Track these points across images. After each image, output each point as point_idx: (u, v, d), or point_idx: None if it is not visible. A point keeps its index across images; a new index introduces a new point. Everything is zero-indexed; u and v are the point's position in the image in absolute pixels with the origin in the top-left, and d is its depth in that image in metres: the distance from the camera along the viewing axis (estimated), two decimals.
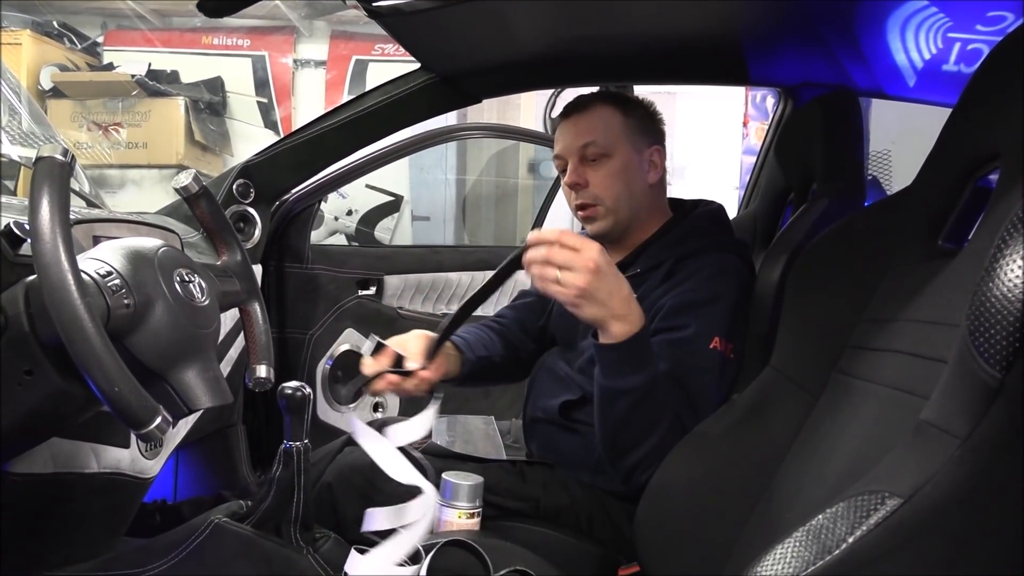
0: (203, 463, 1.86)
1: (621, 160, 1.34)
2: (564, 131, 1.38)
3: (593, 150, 1.33)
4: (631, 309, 1.09)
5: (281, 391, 1.12)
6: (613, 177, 1.34)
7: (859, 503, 0.59)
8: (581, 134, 1.34)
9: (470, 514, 1.11)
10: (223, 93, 3.83)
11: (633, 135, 1.35)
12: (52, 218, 0.68)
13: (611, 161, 1.34)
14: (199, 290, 0.88)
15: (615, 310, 1.07)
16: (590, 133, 1.34)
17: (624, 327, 1.08)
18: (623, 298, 1.08)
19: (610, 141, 1.33)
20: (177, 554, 1.12)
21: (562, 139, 1.38)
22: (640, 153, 1.36)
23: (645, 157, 1.37)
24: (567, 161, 1.37)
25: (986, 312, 0.56)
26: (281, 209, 1.93)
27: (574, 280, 1.04)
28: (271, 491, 1.14)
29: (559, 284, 1.04)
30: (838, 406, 0.96)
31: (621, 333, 1.08)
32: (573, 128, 1.36)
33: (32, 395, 0.76)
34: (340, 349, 2.08)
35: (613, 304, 1.07)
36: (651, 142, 1.39)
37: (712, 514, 1.06)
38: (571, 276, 1.04)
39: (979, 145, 0.86)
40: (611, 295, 1.06)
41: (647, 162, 1.37)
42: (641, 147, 1.37)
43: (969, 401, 0.58)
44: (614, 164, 1.34)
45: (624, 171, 1.34)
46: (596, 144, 1.33)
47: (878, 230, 1.01)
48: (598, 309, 1.06)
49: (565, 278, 1.04)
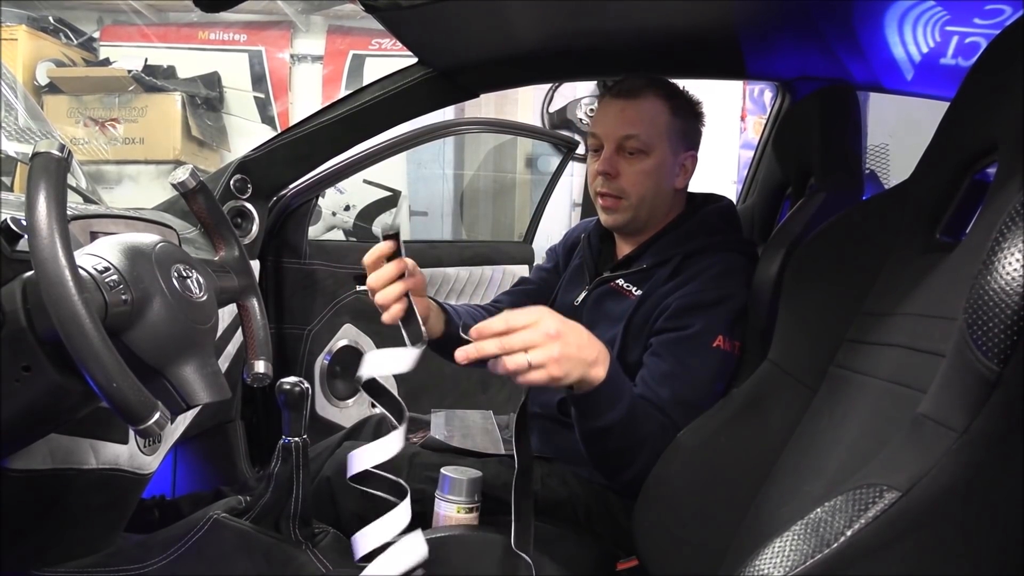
0: (202, 459, 1.86)
1: (657, 160, 1.31)
2: (608, 112, 1.33)
3: (633, 144, 1.30)
4: (597, 347, 1.04)
5: (279, 386, 1.12)
6: (645, 175, 1.31)
7: (857, 496, 0.59)
8: (625, 123, 1.30)
9: (468, 508, 1.11)
10: (220, 88, 3.82)
11: (675, 137, 1.33)
12: (49, 214, 0.68)
13: (647, 159, 1.31)
14: (197, 285, 0.88)
15: (588, 358, 1.02)
16: (635, 125, 1.30)
17: (600, 370, 1.04)
18: (588, 342, 1.03)
19: (652, 139, 1.30)
20: (176, 549, 1.12)
21: (603, 120, 1.33)
22: (676, 156, 1.34)
23: (679, 161, 1.35)
24: (602, 143, 1.33)
25: (984, 305, 0.56)
26: (279, 204, 1.92)
27: (546, 354, 0.96)
28: (270, 486, 1.14)
29: (532, 367, 0.96)
30: (836, 400, 0.96)
31: (598, 377, 1.04)
32: (620, 114, 1.31)
33: (30, 391, 0.76)
34: (338, 344, 2.08)
35: (585, 354, 1.01)
36: (688, 147, 1.36)
37: (710, 508, 1.06)
38: (540, 353, 0.96)
39: (977, 138, 0.86)
40: (580, 348, 1.01)
41: (679, 166, 1.35)
42: (679, 150, 1.34)
43: (967, 394, 0.58)
44: (649, 163, 1.31)
45: (656, 172, 1.32)
46: (638, 139, 1.30)
47: (876, 224, 1.01)
48: (578, 367, 1.00)
49: (535, 357, 0.96)
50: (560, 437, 1.34)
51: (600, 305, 1.36)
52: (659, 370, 1.21)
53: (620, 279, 1.36)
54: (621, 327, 1.29)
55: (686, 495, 1.09)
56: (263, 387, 1.93)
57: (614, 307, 1.34)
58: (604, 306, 1.36)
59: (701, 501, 1.07)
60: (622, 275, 1.36)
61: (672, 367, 1.21)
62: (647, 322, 1.27)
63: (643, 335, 1.27)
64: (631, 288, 1.33)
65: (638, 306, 1.29)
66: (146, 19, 4.02)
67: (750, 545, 0.67)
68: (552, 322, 0.98)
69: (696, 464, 1.09)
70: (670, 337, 1.23)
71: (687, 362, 1.21)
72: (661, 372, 1.21)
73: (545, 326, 0.97)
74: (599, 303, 1.37)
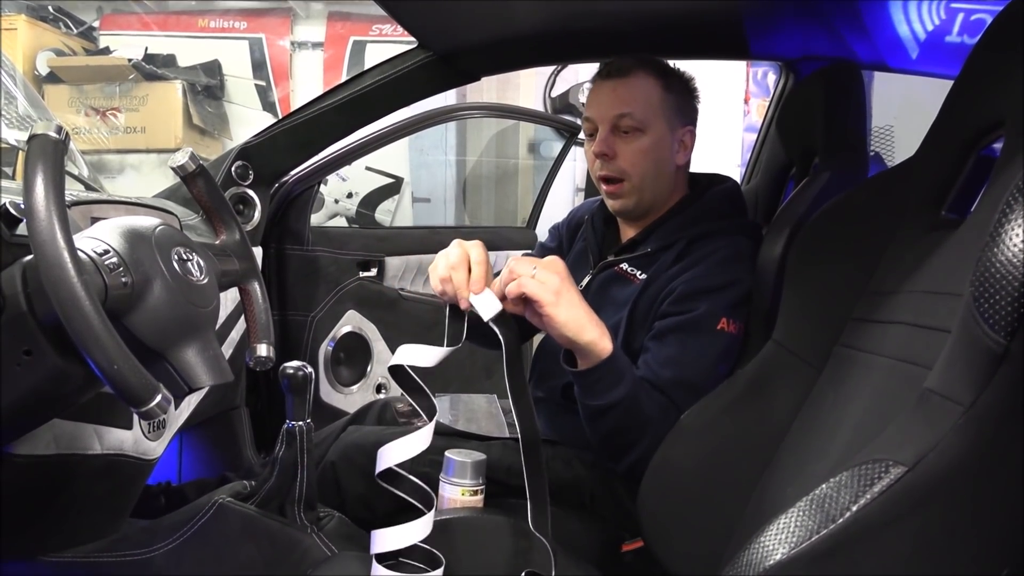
0: (207, 445, 1.87)
1: (654, 137, 1.30)
2: (600, 94, 1.33)
3: (628, 122, 1.29)
4: (599, 321, 1.08)
5: (282, 371, 1.12)
6: (643, 154, 1.30)
7: (863, 472, 0.59)
8: (618, 103, 1.29)
9: (473, 491, 1.11)
10: (220, 76, 3.81)
11: (670, 112, 1.32)
12: (47, 196, 0.68)
13: (644, 137, 1.30)
14: (197, 268, 0.87)
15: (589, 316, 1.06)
16: (627, 104, 1.29)
17: (607, 342, 1.07)
18: (589, 310, 1.07)
19: (647, 116, 1.29)
20: (181, 534, 1.12)
21: (596, 102, 1.33)
22: (673, 132, 1.33)
23: (677, 137, 1.34)
24: (597, 126, 1.33)
25: (991, 278, 0.55)
26: (281, 191, 1.92)
27: (551, 275, 1.01)
28: (274, 471, 1.14)
29: (535, 279, 1.01)
30: (841, 379, 0.96)
31: (605, 349, 1.07)
32: (611, 93, 1.31)
33: (32, 375, 0.75)
34: (342, 331, 2.08)
35: (585, 309, 1.06)
36: (685, 122, 1.35)
37: (715, 489, 1.06)
38: (546, 273, 1.02)
39: (983, 114, 0.85)
40: (582, 300, 1.05)
41: (678, 142, 1.34)
42: (675, 126, 1.33)
43: (973, 368, 0.57)
44: (646, 141, 1.30)
45: (654, 149, 1.31)
46: (632, 117, 1.29)
47: (880, 202, 1.00)
48: (573, 311, 1.04)
49: (541, 274, 1.01)
50: (565, 421, 1.34)
51: (605, 290, 1.36)
52: (662, 353, 1.21)
53: (624, 263, 1.35)
54: (626, 312, 1.28)
55: (690, 477, 1.09)
56: (267, 374, 1.94)
57: (619, 292, 1.33)
58: (609, 291, 1.35)
59: (706, 483, 1.07)
60: (626, 259, 1.35)
61: (675, 350, 1.20)
62: (652, 306, 1.27)
63: (648, 319, 1.27)
64: (635, 272, 1.33)
65: (643, 290, 1.29)
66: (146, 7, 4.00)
67: (755, 525, 0.67)
68: (559, 261, 1.05)
69: (700, 446, 1.09)
70: (674, 321, 1.22)
71: (691, 345, 1.20)
72: (665, 355, 1.21)
73: (552, 258, 1.05)
74: (604, 288, 1.36)
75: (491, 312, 1.00)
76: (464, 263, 1.03)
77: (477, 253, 1.03)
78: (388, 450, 0.98)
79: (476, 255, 1.03)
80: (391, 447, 0.97)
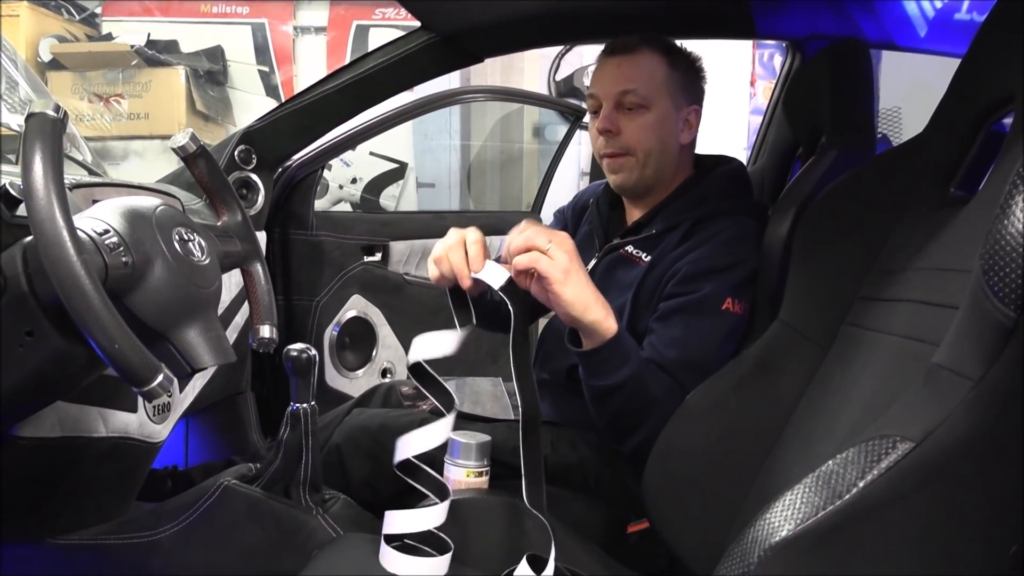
0: (213, 430, 1.87)
1: (658, 114, 1.29)
2: (604, 71, 1.32)
3: (632, 99, 1.28)
4: (604, 302, 1.08)
5: (286, 353, 1.12)
6: (647, 131, 1.29)
7: (870, 448, 0.58)
8: (622, 79, 1.29)
9: (478, 473, 1.11)
10: (223, 62, 3.79)
11: (675, 90, 1.31)
12: (45, 174, 0.67)
13: (648, 114, 1.29)
14: (199, 249, 0.87)
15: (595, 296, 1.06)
16: (632, 80, 1.28)
17: (612, 322, 1.07)
18: (595, 290, 1.07)
19: (651, 93, 1.28)
20: (187, 517, 1.13)
21: (600, 79, 1.32)
22: (678, 110, 1.32)
23: (682, 116, 1.33)
24: (601, 103, 1.32)
25: (1001, 251, 0.54)
26: (284, 176, 1.91)
27: (562, 252, 1.01)
28: (279, 453, 1.14)
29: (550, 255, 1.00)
30: (848, 358, 0.95)
31: (611, 329, 1.07)
32: (615, 70, 1.30)
33: (34, 356, 0.75)
34: (347, 316, 2.08)
35: (591, 289, 1.05)
36: (691, 101, 1.34)
37: (720, 470, 1.05)
38: (557, 251, 1.01)
39: (993, 89, 0.84)
40: (589, 280, 1.05)
41: (683, 121, 1.33)
42: (681, 104, 1.32)
43: (983, 343, 0.56)
44: (650, 117, 1.29)
45: (659, 126, 1.30)
46: (636, 93, 1.28)
47: (888, 180, 0.99)
48: (580, 290, 1.03)
49: (553, 251, 1.01)
50: (570, 403, 1.33)
51: (611, 273, 1.35)
52: (667, 334, 1.20)
53: (630, 246, 1.34)
54: (631, 294, 1.27)
55: (696, 458, 1.08)
56: (272, 359, 1.94)
57: (624, 275, 1.32)
58: (615, 274, 1.34)
59: (711, 464, 1.07)
60: (632, 241, 1.34)
61: (680, 330, 1.20)
62: (657, 288, 1.26)
63: (653, 301, 1.26)
64: (641, 254, 1.32)
65: (648, 272, 1.28)
66: None
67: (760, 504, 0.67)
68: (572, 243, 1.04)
69: (706, 427, 1.08)
70: (679, 302, 1.21)
71: (696, 325, 1.20)
72: (670, 335, 1.20)
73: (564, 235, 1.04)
74: (609, 271, 1.35)
75: (500, 281, 1.00)
76: (460, 244, 1.02)
77: (473, 234, 1.03)
78: (408, 440, 0.97)
79: (472, 236, 1.03)
80: (411, 437, 0.96)
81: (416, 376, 1.01)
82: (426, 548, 0.96)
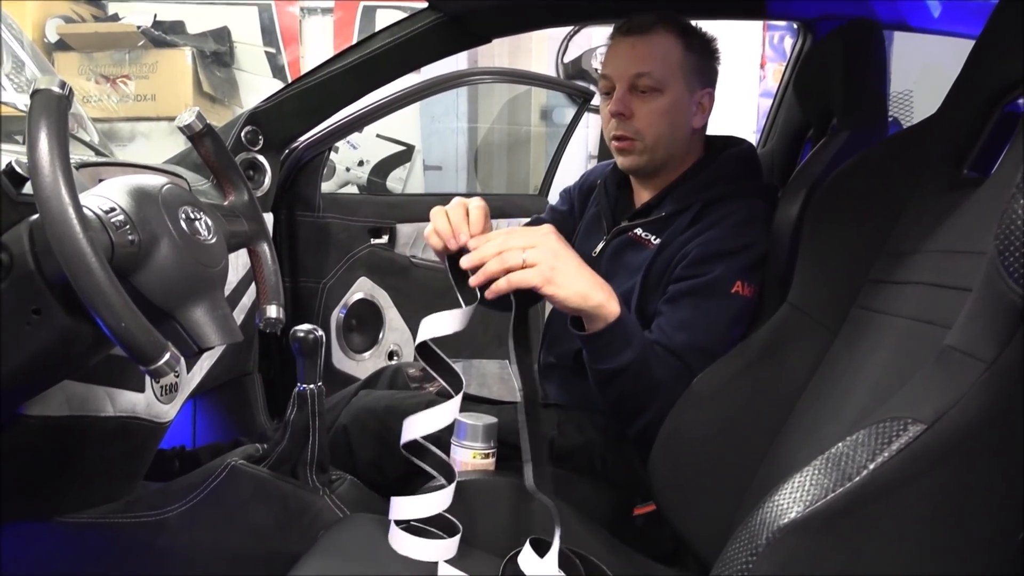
0: (221, 411, 1.88)
1: (671, 98, 1.27)
2: (618, 51, 1.29)
3: (646, 82, 1.26)
4: (603, 284, 1.05)
5: (293, 334, 1.12)
6: (659, 115, 1.27)
7: (880, 429, 0.58)
8: (637, 61, 1.26)
9: (484, 454, 1.11)
10: (230, 43, 3.77)
11: (689, 73, 1.29)
12: (51, 151, 0.67)
13: (661, 97, 1.27)
14: (205, 228, 0.86)
15: (592, 281, 1.03)
16: (646, 63, 1.26)
17: (614, 305, 1.05)
18: (591, 274, 1.04)
19: (665, 76, 1.26)
20: (194, 496, 1.13)
21: (614, 60, 1.30)
22: (692, 94, 1.30)
23: (695, 99, 1.31)
24: (614, 84, 1.30)
25: (1016, 232, 0.53)
26: (291, 157, 1.91)
27: (542, 253, 0.97)
28: (286, 433, 1.14)
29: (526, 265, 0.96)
30: (857, 341, 0.94)
31: (613, 312, 1.05)
32: (630, 51, 1.28)
33: (41, 334, 0.75)
34: (354, 298, 2.08)
35: (586, 275, 1.02)
36: (704, 84, 1.32)
37: (727, 453, 1.05)
38: (536, 252, 0.97)
39: (1007, 70, 0.83)
40: (581, 267, 1.02)
41: (696, 104, 1.31)
42: (694, 87, 1.30)
43: (996, 324, 0.56)
44: (663, 101, 1.27)
45: (672, 110, 1.28)
46: (651, 76, 1.26)
47: (899, 161, 0.98)
48: (573, 281, 1.00)
49: (531, 256, 0.97)
50: (576, 386, 1.33)
51: (619, 256, 1.34)
52: (675, 316, 1.20)
53: (638, 228, 1.33)
54: (639, 277, 1.27)
55: (703, 441, 1.08)
56: (280, 340, 1.95)
57: (633, 257, 1.32)
58: (623, 257, 1.34)
59: (718, 447, 1.07)
60: (641, 224, 1.33)
61: (689, 313, 1.19)
62: (666, 271, 1.25)
63: (662, 284, 1.25)
64: (649, 237, 1.31)
65: (657, 255, 1.27)
66: None
67: (767, 487, 0.66)
68: (550, 229, 1.01)
69: (713, 410, 1.08)
70: (688, 284, 1.21)
71: (704, 308, 1.19)
72: (678, 318, 1.19)
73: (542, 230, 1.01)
74: (618, 254, 1.35)
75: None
76: (462, 206, 1.02)
77: (476, 200, 1.03)
78: (414, 421, 0.96)
79: (474, 201, 1.03)
80: (417, 418, 0.96)
81: (423, 357, 1.00)
82: (434, 530, 0.96)
